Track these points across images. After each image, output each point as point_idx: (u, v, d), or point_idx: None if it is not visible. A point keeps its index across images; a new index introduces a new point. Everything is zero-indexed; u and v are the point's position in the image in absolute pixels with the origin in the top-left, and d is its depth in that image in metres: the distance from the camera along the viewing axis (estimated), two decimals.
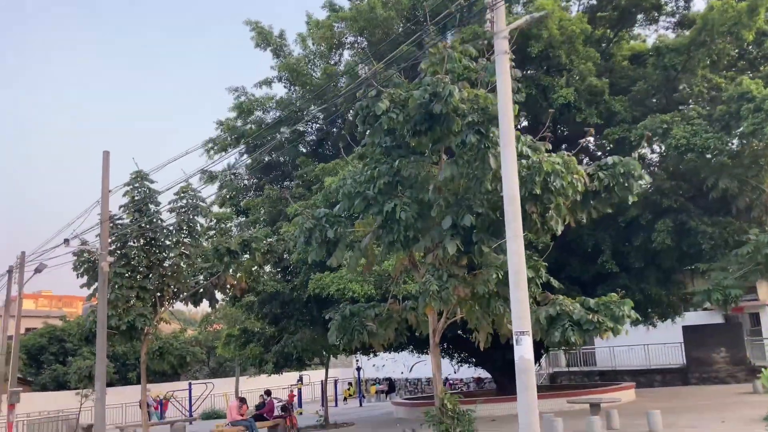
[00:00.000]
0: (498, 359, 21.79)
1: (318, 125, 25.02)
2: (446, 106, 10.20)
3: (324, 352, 21.80)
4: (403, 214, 10.54)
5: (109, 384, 29.74)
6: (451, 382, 32.91)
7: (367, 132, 11.67)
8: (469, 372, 32.92)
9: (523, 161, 10.06)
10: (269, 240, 19.20)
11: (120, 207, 17.33)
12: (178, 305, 20.89)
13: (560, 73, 19.22)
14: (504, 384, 23.03)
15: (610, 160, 11.09)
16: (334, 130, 25.43)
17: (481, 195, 10.83)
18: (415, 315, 12.22)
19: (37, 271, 21.36)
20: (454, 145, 10.58)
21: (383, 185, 10.98)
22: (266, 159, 26.04)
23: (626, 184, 10.90)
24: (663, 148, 18.59)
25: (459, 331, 19.75)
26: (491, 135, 10.29)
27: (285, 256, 19.56)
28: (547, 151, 10.74)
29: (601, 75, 19.48)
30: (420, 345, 22.73)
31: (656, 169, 20.83)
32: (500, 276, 10.52)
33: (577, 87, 18.42)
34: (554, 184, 10.04)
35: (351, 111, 14.45)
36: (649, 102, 19.92)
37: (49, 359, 34.74)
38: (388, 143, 11.55)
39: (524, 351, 7.60)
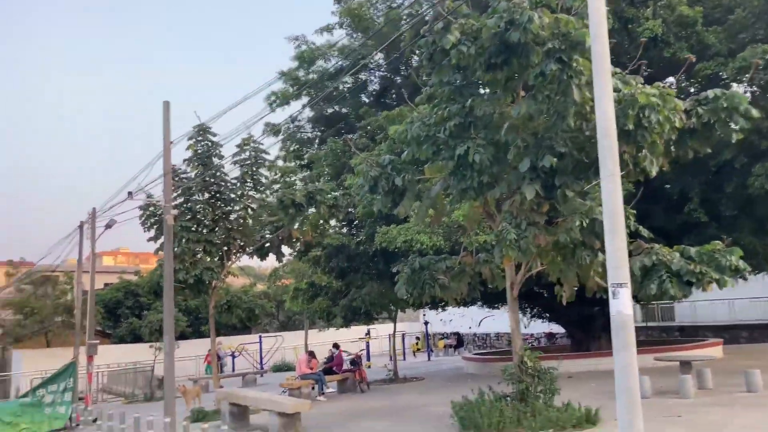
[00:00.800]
0: (573, 314, 20.83)
1: (381, 73, 24.08)
2: (524, 35, 9.13)
3: (392, 306, 21.37)
4: (476, 157, 9.65)
5: (183, 337, 30.60)
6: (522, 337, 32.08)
7: (434, 71, 10.73)
8: (539, 327, 32.00)
9: (614, 95, 8.93)
10: (334, 194, 18.72)
11: (184, 161, 17.12)
12: (247, 260, 20.84)
13: (645, 3, 17.50)
14: (579, 339, 22.09)
15: (710, 93, 9.76)
16: (398, 79, 24.45)
17: (564, 133, 9.79)
18: (489, 268, 11.44)
19: (108, 226, 21.59)
20: (532, 77, 9.53)
21: (454, 127, 10.09)
22: (329, 111, 25.41)
23: (729, 121, 9.61)
24: (764, 82, 16.73)
25: (534, 287, 18.85)
26: (574, 64, 9.19)
27: (350, 209, 19.06)
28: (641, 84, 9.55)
29: (693, 4, 17.63)
30: (490, 299, 21.95)
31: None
32: (585, 223, 9.54)
33: (665, 18, 16.72)
34: (649, 119, 8.90)
35: (416, 51, 13.48)
36: (747, 33, 17.94)
37: (125, 313, 35.95)
38: (458, 81, 10.59)
39: (622, 305, 6.70)
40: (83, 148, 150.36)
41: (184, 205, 16.55)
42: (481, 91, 10.80)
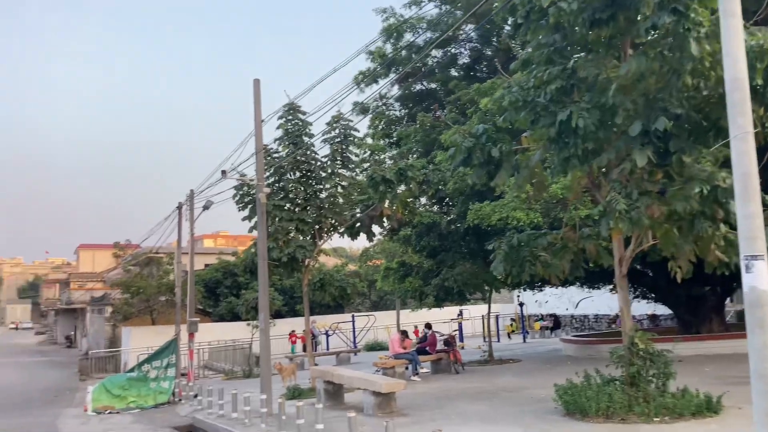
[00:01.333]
0: (682, 294, 19.48)
1: (471, 45, 23.27)
2: None
3: (486, 286, 20.75)
4: (580, 122, 8.89)
5: (278, 315, 31.32)
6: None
7: (530, 32, 9.99)
8: (641, 308, 30.36)
9: None
10: (424, 170, 18.29)
11: (275, 140, 17.18)
12: (338, 240, 20.85)
13: None
14: (687, 321, 20.64)
15: None
16: (489, 51, 23.59)
17: (679, 93, 8.86)
18: (594, 244, 10.63)
19: (205, 207, 22.19)
20: (643, 31, 8.64)
21: (555, 90, 9.36)
22: (416, 87, 24.92)
23: None
24: None
25: (637, 265, 17.72)
26: (692, 14, 8.23)
27: (440, 186, 18.57)
28: None
29: None
30: (591, 278, 20.86)
31: None
32: (706, 191, 8.60)
33: None
34: None
35: (508, 18, 12.66)
36: None
37: (224, 292, 37.29)
38: (557, 42, 9.81)
39: (757, 280, 5.88)
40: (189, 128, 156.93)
41: (276, 184, 16.63)
42: (584, 50, 9.97)
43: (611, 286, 22.13)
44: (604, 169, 9.89)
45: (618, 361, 9.73)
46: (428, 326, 20.17)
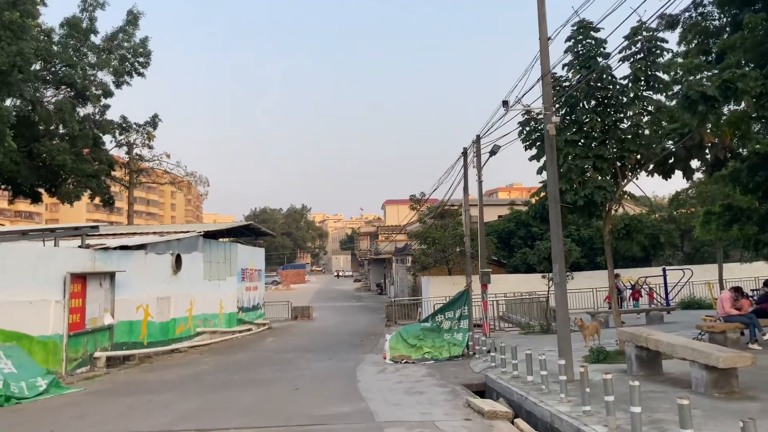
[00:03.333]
0: None
1: None
2: None
3: None
4: None
5: (577, 268, 28.90)
6: None
7: None
8: None
9: None
10: (762, 82, 14.21)
11: (563, 66, 14.90)
12: (642, 184, 17.79)
13: None
14: None
15: None
16: None
17: None
18: None
19: (492, 153, 20.90)
20: None
21: None
22: None
23: None
24: None
25: None
26: None
27: None
28: None
29: None
30: None
31: None
32: None
33: None
34: None
35: None
36: None
37: (518, 243, 36.00)
38: None
39: None
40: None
41: (567, 117, 14.42)
42: None
43: None
44: None
45: None
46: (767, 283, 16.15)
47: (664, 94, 14.80)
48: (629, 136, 14.14)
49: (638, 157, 14.58)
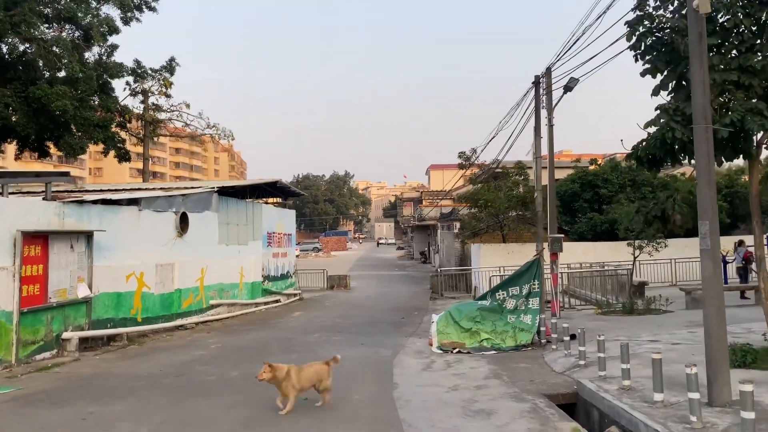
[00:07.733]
0: None
1: None
2: None
3: None
4: None
5: (671, 234, 24.28)
6: None
7: None
8: None
9: None
10: None
11: None
12: None
13: None
14: None
15: None
16: None
17: None
18: None
19: (567, 88, 16.51)
20: None
21: None
22: None
23: None
24: None
25: None
26: None
27: None
28: None
29: None
30: None
31: None
32: None
33: None
34: None
35: None
36: None
37: (582, 207, 31.24)
38: None
39: None
40: None
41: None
42: None
43: None
44: None
45: None
46: None
47: None
48: None
49: None
